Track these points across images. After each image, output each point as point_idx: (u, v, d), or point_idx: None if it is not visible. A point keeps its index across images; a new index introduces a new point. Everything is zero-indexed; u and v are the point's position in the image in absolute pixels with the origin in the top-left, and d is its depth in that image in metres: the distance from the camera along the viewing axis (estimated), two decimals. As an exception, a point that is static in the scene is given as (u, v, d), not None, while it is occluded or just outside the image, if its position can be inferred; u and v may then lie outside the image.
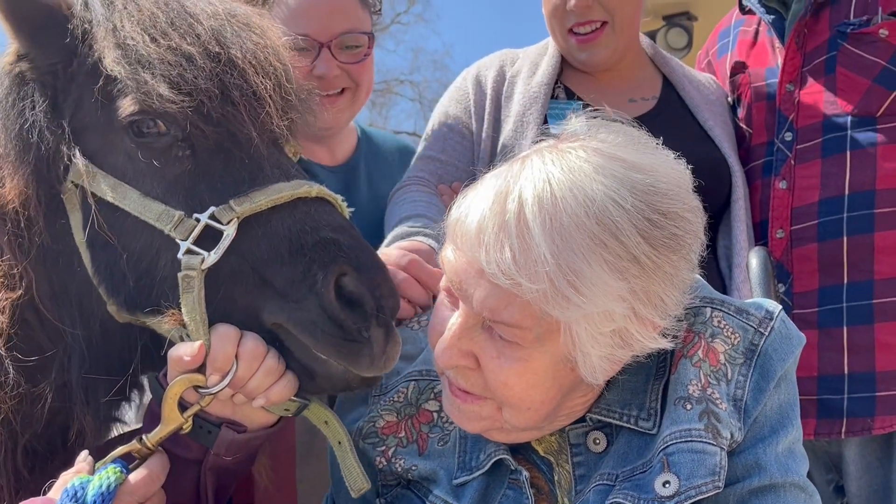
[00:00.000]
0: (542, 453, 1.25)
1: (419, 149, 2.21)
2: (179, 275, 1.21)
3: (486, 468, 1.23)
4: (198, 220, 1.22)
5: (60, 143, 1.32)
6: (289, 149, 1.41)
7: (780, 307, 1.23)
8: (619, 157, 1.09)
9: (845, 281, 1.96)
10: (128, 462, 1.22)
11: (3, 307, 1.32)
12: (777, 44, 2.16)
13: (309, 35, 1.95)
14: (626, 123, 1.19)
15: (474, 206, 1.08)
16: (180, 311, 1.23)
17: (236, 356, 1.18)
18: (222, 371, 1.18)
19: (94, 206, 1.29)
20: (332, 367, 1.21)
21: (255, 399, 1.20)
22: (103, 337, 1.37)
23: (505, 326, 1.07)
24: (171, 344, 1.25)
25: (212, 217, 1.22)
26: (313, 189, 1.27)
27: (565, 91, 2.14)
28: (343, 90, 2.05)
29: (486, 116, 2.13)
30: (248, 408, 1.24)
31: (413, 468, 1.28)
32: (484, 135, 2.12)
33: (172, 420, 1.21)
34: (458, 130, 2.16)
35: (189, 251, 1.21)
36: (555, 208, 1.03)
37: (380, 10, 2.18)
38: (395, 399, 1.32)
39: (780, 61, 2.12)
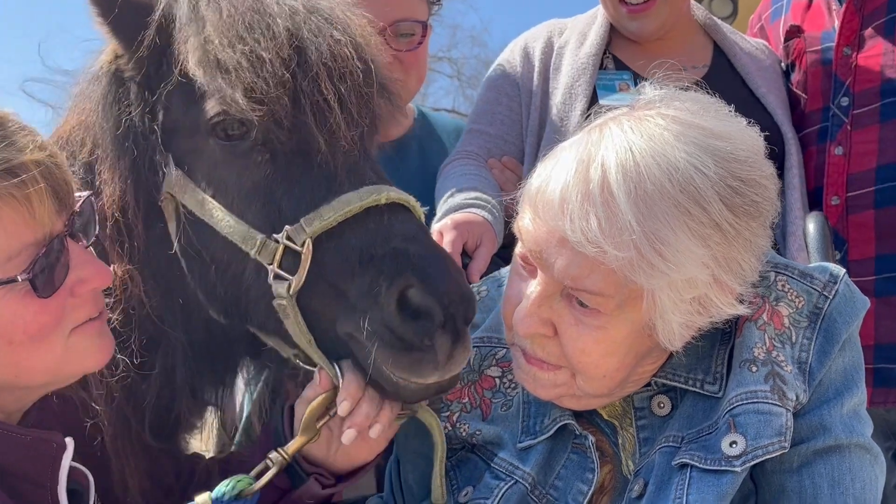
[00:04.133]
0: (605, 417, 1.26)
1: (468, 123, 2.21)
2: (274, 303, 1.24)
3: (551, 433, 1.25)
4: (278, 242, 1.23)
5: (155, 149, 1.33)
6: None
7: (845, 271, 1.22)
8: (698, 124, 1.10)
9: (904, 249, 1.93)
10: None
11: (114, 306, 1.34)
12: (834, 6, 2.11)
13: None
14: (691, 89, 1.19)
15: (555, 175, 1.09)
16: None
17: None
18: (355, 398, 1.24)
19: (184, 219, 1.30)
20: (397, 380, 1.20)
21: (371, 429, 1.25)
22: (207, 335, 1.40)
23: (587, 294, 1.09)
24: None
25: (287, 237, 1.22)
26: (382, 196, 1.25)
27: (614, 61, 2.12)
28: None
29: (535, 88, 2.13)
30: (347, 448, 1.31)
31: (477, 433, 1.30)
32: (532, 107, 2.12)
33: (309, 431, 1.28)
34: (505, 104, 2.16)
35: (276, 276, 1.22)
36: (639, 176, 1.04)
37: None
38: None
39: (836, 24, 2.07)
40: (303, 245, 1.21)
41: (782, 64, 2.22)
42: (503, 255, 1.89)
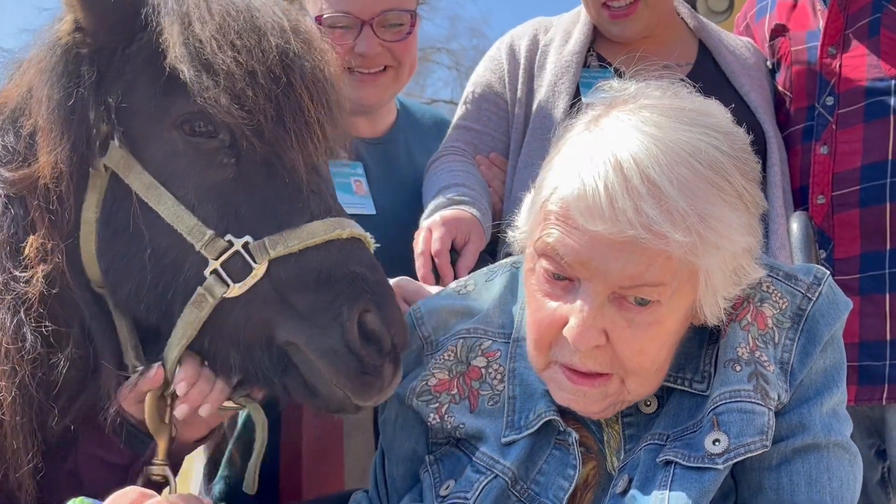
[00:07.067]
0: (592, 417, 1.26)
1: (455, 119, 2.22)
2: (198, 289, 1.26)
3: (535, 428, 1.25)
4: (230, 244, 1.26)
5: (102, 121, 1.33)
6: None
7: (828, 273, 1.24)
8: (682, 106, 1.14)
9: (888, 247, 1.96)
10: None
11: (35, 278, 1.33)
12: (819, 6, 2.13)
13: (350, 13, 1.95)
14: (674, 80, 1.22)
15: (587, 180, 1.07)
16: None
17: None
18: (192, 380, 1.32)
19: (134, 199, 1.31)
20: (335, 392, 1.28)
21: (202, 407, 1.32)
22: (104, 320, 1.39)
23: (648, 288, 1.09)
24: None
25: (245, 247, 1.26)
26: (346, 232, 1.31)
27: (598, 59, 2.14)
28: (385, 68, 2.04)
29: (520, 86, 2.14)
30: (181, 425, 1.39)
31: (461, 426, 1.30)
32: (517, 104, 2.13)
33: (163, 430, 1.35)
34: (492, 100, 2.17)
35: (215, 272, 1.26)
36: (669, 163, 1.06)
37: None
38: (446, 357, 1.35)
39: (821, 24, 2.09)
40: (258, 262, 1.25)
41: (768, 62, 2.23)
42: (490, 250, 1.90)
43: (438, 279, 1.69)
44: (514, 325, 1.36)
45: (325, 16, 1.95)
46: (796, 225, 1.77)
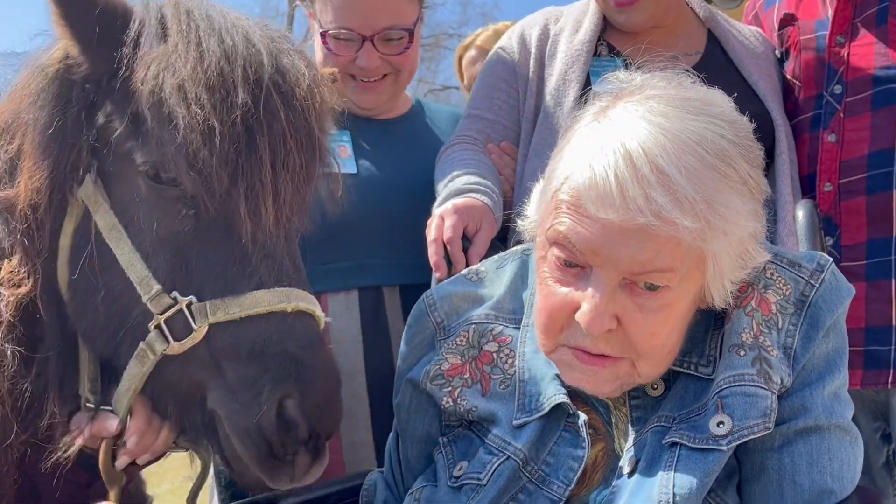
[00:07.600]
0: (601, 396, 1.29)
1: (466, 108, 2.24)
2: (140, 344, 1.27)
3: (546, 410, 1.29)
4: (175, 301, 1.25)
5: (83, 151, 1.31)
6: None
7: (831, 260, 1.26)
8: (687, 96, 1.16)
9: (894, 234, 1.97)
10: None
11: (10, 302, 1.33)
12: (827, -6, 2.13)
13: (353, 29, 2.04)
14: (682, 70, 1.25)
15: (598, 169, 1.10)
16: None
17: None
18: (142, 433, 1.37)
19: (93, 237, 1.30)
20: (248, 469, 1.28)
21: (141, 457, 1.38)
22: (70, 347, 1.40)
23: (657, 273, 1.12)
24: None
25: (188, 308, 1.25)
26: (290, 305, 1.27)
27: (608, 48, 2.15)
28: (385, 75, 2.13)
29: (531, 75, 2.15)
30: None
31: (474, 409, 1.34)
32: (528, 93, 2.15)
33: (114, 477, 1.37)
34: (503, 89, 2.19)
35: (158, 327, 1.26)
36: (677, 151, 1.09)
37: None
38: (458, 342, 1.38)
39: (830, 13, 2.10)
40: (199, 324, 1.25)
41: (776, 52, 2.24)
42: (501, 238, 1.94)
43: (451, 266, 1.72)
44: (524, 310, 1.39)
45: (329, 31, 2.04)
46: (802, 213, 1.79)
